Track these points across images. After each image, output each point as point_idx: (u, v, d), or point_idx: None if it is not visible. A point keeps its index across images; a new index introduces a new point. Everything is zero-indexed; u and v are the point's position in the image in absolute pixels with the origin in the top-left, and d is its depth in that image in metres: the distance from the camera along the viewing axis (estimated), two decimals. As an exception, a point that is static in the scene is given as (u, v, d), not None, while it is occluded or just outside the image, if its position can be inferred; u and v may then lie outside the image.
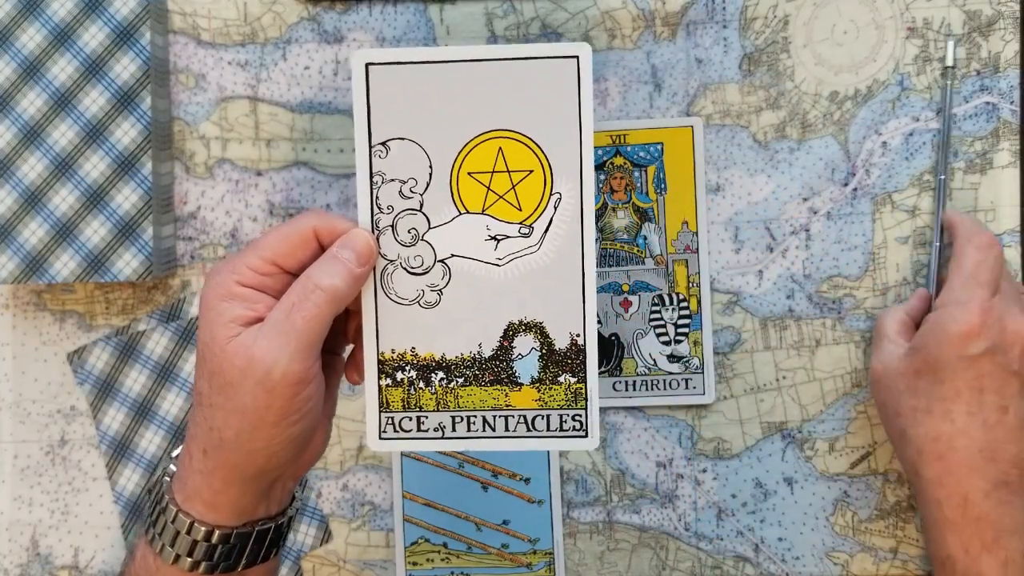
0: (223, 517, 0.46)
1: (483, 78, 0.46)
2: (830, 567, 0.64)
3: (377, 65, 0.46)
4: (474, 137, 0.46)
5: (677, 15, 0.64)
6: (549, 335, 0.47)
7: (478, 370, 0.47)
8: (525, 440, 0.47)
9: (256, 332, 0.43)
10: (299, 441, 0.45)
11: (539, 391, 0.47)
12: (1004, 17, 0.62)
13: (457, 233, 0.46)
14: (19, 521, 0.67)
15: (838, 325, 0.64)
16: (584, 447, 0.48)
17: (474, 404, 0.47)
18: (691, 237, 0.64)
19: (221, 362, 0.43)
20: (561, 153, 0.46)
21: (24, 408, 0.67)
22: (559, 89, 0.45)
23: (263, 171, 0.65)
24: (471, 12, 0.64)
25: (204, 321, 0.45)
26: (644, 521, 0.65)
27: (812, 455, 0.64)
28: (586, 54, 0.45)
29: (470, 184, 0.46)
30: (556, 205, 0.46)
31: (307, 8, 0.65)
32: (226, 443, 0.44)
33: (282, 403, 0.43)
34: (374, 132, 0.46)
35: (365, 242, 0.46)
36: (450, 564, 0.65)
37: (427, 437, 0.48)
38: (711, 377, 0.64)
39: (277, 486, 0.48)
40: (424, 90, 0.46)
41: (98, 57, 0.62)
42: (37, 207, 0.62)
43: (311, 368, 0.44)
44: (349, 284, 0.45)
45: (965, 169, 0.63)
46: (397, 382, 0.47)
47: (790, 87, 0.63)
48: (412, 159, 0.46)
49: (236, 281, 0.44)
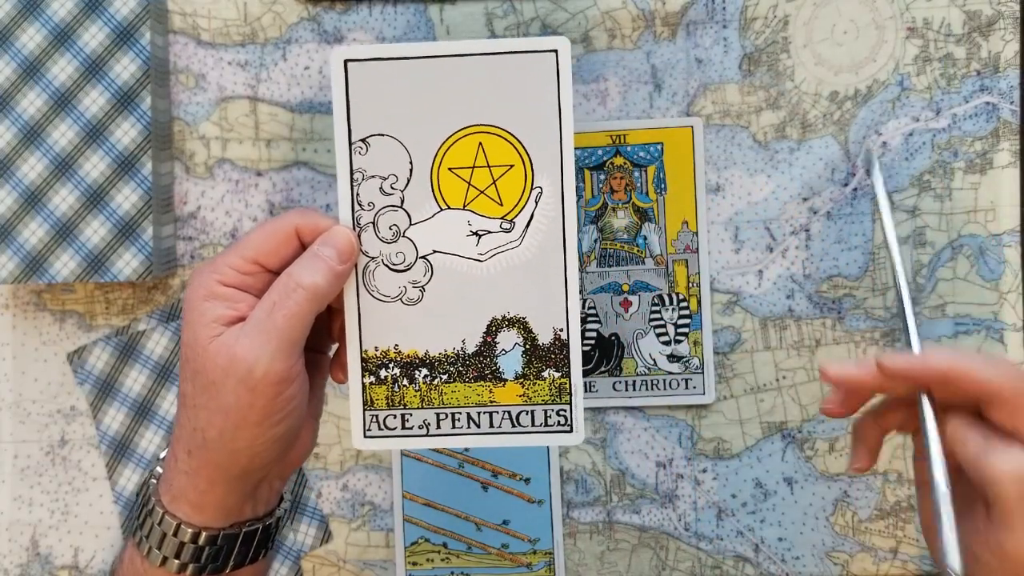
0: (209, 518, 0.46)
1: (462, 73, 0.45)
2: (830, 567, 0.64)
3: (355, 61, 0.46)
4: (454, 132, 0.46)
5: (677, 15, 0.64)
6: (532, 330, 0.47)
7: (462, 366, 0.47)
8: (510, 436, 0.47)
9: (238, 331, 0.43)
10: (283, 440, 0.45)
11: (523, 386, 0.47)
12: (1004, 17, 0.62)
13: (439, 229, 0.46)
14: (19, 521, 0.67)
15: (838, 325, 0.64)
16: (569, 442, 0.47)
17: (458, 401, 0.47)
18: (691, 237, 0.64)
19: (204, 362, 0.43)
20: (541, 147, 0.46)
21: (24, 408, 0.67)
22: (539, 83, 0.45)
23: (263, 171, 0.65)
24: (471, 12, 0.64)
25: (187, 322, 0.44)
26: (644, 521, 0.65)
27: (812, 455, 0.64)
28: (565, 48, 0.45)
29: (451, 180, 0.46)
30: (537, 199, 0.46)
31: (307, 8, 0.65)
32: (210, 443, 0.44)
33: (264, 402, 0.43)
34: (354, 129, 0.46)
35: (346, 239, 0.45)
36: (450, 564, 0.65)
37: (412, 435, 0.47)
38: (711, 377, 0.64)
39: (263, 486, 0.47)
40: (403, 86, 0.46)
41: (98, 57, 0.62)
42: (37, 207, 0.62)
43: (293, 367, 0.44)
44: (330, 282, 0.44)
45: (965, 169, 0.63)
46: (381, 380, 0.47)
47: (790, 87, 0.63)
48: (392, 155, 0.46)
49: (218, 281, 0.44)
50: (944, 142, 0.63)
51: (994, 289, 0.63)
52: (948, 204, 0.63)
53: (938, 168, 0.63)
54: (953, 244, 0.63)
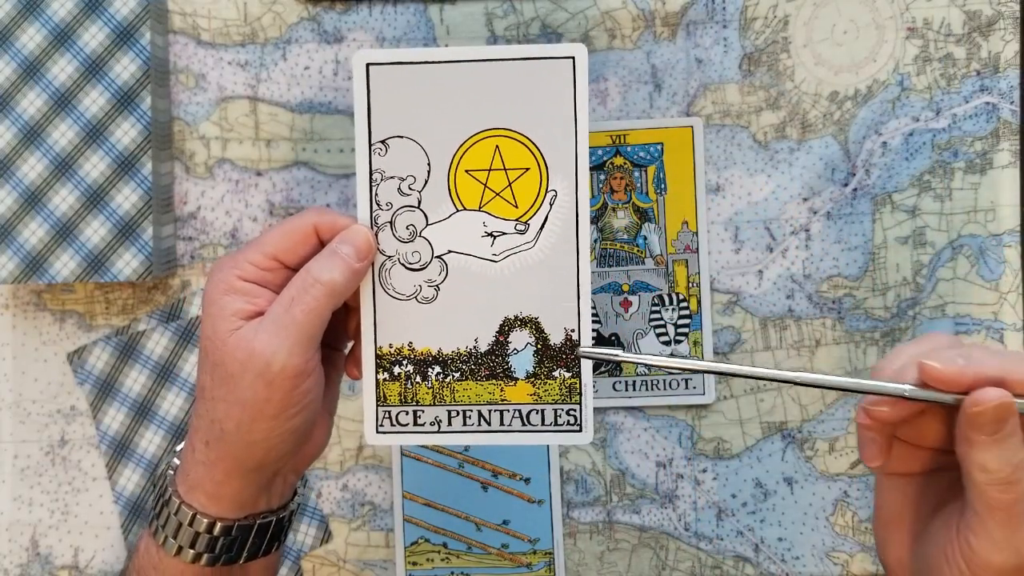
0: (225, 509, 0.46)
1: (481, 78, 0.46)
2: (830, 567, 0.64)
3: (377, 65, 0.47)
4: (472, 135, 0.47)
5: (677, 15, 0.64)
6: (544, 330, 0.47)
7: (474, 365, 0.48)
8: (520, 434, 0.48)
9: (256, 325, 0.44)
10: (299, 434, 0.46)
11: (534, 386, 0.48)
12: (1004, 17, 0.62)
13: (454, 229, 0.47)
14: (19, 521, 0.67)
15: (838, 325, 0.64)
16: (578, 441, 0.48)
17: (470, 398, 0.48)
18: (691, 237, 0.64)
19: (223, 355, 0.44)
20: (557, 151, 0.46)
21: (24, 408, 0.67)
22: (555, 89, 0.46)
23: (263, 171, 0.65)
24: (471, 12, 0.64)
25: (206, 315, 0.45)
26: (644, 521, 0.65)
27: (812, 455, 0.64)
28: (582, 55, 0.46)
29: (467, 181, 0.47)
30: (552, 202, 0.47)
31: (307, 8, 0.65)
32: (227, 435, 0.45)
33: (281, 395, 0.44)
34: (374, 130, 0.47)
35: (364, 238, 0.46)
36: (450, 564, 0.65)
37: (424, 431, 0.48)
38: (711, 377, 0.64)
39: (278, 479, 0.48)
40: (423, 90, 0.47)
41: (98, 57, 0.62)
42: (37, 207, 0.62)
43: (310, 361, 0.44)
44: (348, 279, 0.45)
45: (965, 169, 0.63)
46: (394, 376, 0.48)
47: (790, 87, 0.63)
48: (411, 157, 0.47)
49: (237, 276, 0.45)
50: (944, 142, 0.63)
51: (994, 289, 0.63)
52: (948, 204, 0.63)
53: (938, 168, 0.63)
54: (953, 244, 0.63)
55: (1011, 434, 0.40)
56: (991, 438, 0.40)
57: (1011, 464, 0.40)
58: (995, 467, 0.40)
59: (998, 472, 0.40)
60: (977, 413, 0.40)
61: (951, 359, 0.41)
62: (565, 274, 0.47)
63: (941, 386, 0.41)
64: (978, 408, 0.40)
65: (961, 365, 0.41)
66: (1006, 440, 0.40)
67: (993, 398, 0.40)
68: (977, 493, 0.41)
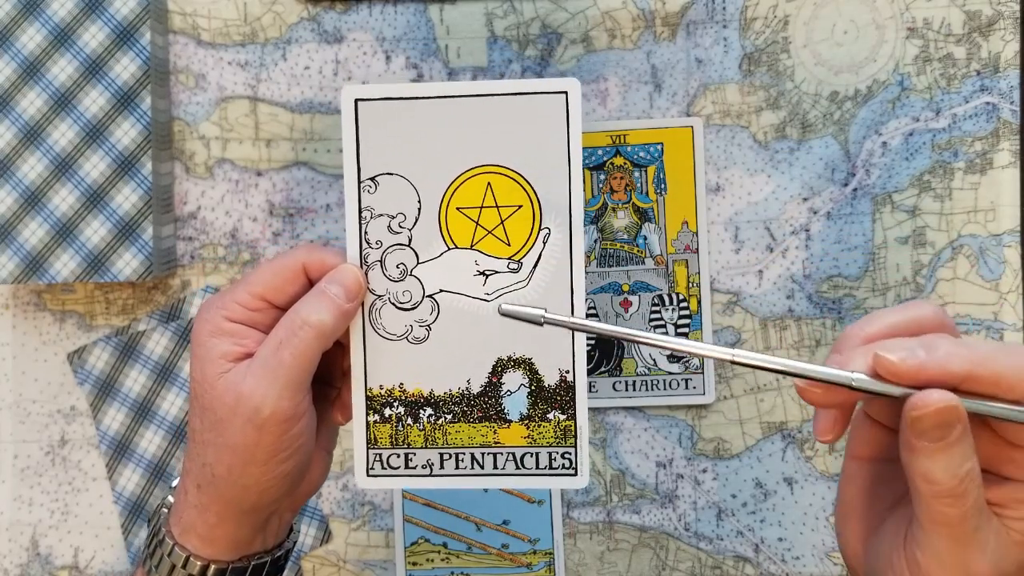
0: (219, 551, 0.46)
1: (472, 114, 0.45)
2: (830, 567, 0.64)
3: (366, 101, 0.46)
4: (463, 172, 0.46)
5: (677, 15, 0.64)
6: (538, 371, 0.46)
7: (467, 406, 0.47)
8: (514, 478, 0.47)
9: (244, 369, 0.43)
10: (292, 476, 0.45)
11: (528, 428, 0.47)
12: (1004, 17, 0.62)
13: (446, 268, 0.46)
14: (19, 521, 0.67)
15: (838, 325, 0.64)
16: (574, 486, 0.47)
17: (462, 441, 0.47)
18: (691, 237, 0.64)
19: (211, 399, 0.43)
20: (550, 188, 0.45)
21: (24, 408, 0.67)
22: (548, 124, 0.45)
23: (263, 171, 0.65)
24: (471, 12, 0.64)
25: (195, 358, 0.44)
26: (644, 521, 0.65)
27: (812, 455, 0.64)
28: (575, 89, 0.45)
29: (459, 219, 0.46)
30: (545, 240, 0.46)
31: (307, 8, 0.65)
32: (218, 479, 0.44)
33: (271, 440, 0.43)
34: (363, 167, 0.46)
35: (354, 277, 0.45)
36: (450, 564, 0.65)
37: (415, 474, 0.47)
38: (711, 377, 0.64)
39: (273, 520, 0.47)
40: (413, 126, 0.46)
41: (98, 57, 0.62)
42: (37, 207, 0.62)
43: (300, 404, 0.44)
44: (337, 319, 0.44)
45: (965, 169, 0.63)
46: (385, 418, 0.47)
47: (790, 87, 0.63)
48: (401, 194, 0.46)
49: (225, 317, 0.44)
50: (944, 142, 0.63)
51: (994, 289, 0.63)
52: (948, 204, 0.63)
53: (938, 168, 0.63)
54: (953, 244, 0.63)
55: (958, 441, 0.36)
56: (934, 445, 0.36)
57: (957, 475, 0.36)
58: (939, 477, 0.36)
59: (943, 483, 0.36)
60: (916, 418, 0.36)
61: (911, 350, 0.36)
62: (559, 313, 0.46)
63: (896, 380, 0.37)
64: (916, 412, 0.36)
65: (922, 359, 0.36)
66: (952, 448, 0.36)
67: (935, 401, 0.35)
68: (924, 506, 0.37)
